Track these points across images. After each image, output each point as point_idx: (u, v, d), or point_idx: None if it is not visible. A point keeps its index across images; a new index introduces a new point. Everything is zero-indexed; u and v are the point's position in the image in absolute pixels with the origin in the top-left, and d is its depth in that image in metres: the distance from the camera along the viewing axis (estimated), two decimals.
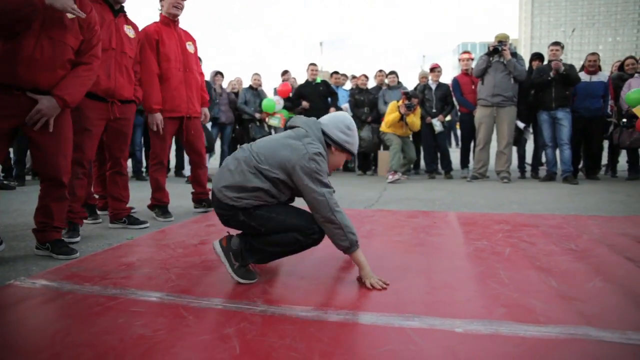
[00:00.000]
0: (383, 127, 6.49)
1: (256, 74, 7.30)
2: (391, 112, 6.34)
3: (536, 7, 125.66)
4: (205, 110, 4.04)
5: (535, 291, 1.86)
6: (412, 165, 6.98)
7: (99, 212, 3.72)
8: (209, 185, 4.08)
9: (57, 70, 2.44)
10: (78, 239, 3.00)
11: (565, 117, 5.92)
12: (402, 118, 6.25)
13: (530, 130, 6.59)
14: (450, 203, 4.31)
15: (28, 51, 2.31)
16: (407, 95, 6.23)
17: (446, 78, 8.67)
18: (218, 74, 7.27)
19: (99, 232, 3.25)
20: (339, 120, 2.08)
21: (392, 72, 7.25)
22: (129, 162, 7.07)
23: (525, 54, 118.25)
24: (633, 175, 6.25)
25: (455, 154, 7.27)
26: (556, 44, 6.19)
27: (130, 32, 3.25)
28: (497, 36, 6.24)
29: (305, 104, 6.94)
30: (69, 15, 2.42)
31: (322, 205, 1.88)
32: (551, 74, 5.89)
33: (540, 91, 6.09)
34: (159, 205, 3.72)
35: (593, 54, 6.39)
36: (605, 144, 6.72)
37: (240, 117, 7.27)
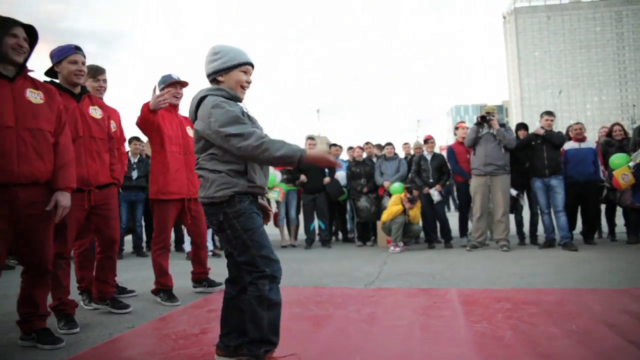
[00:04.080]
0: (385, 217, 6.60)
1: None
2: (394, 204, 6.49)
3: (522, 70, 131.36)
4: None
5: None
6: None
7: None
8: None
9: (45, 158, 2.52)
10: (77, 329, 2.95)
11: (558, 184, 6.06)
12: (404, 211, 6.44)
13: (524, 197, 6.73)
14: (450, 277, 4.31)
15: (12, 146, 2.38)
16: (409, 189, 6.48)
17: (441, 140, 8.94)
18: None
19: (99, 320, 3.22)
20: (206, 56, 2.16)
21: (389, 144, 7.47)
22: (129, 238, 7.13)
23: (517, 114, 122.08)
24: (633, 239, 6.27)
25: (453, 219, 7.39)
26: (549, 113, 6.45)
27: (96, 112, 3.21)
28: (485, 108, 6.57)
29: (302, 177, 7.09)
30: (34, 100, 2.52)
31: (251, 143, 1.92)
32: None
33: (532, 158, 6.26)
34: (164, 289, 3.72)
35: (577, 123, 6.74)
36: (602, 207, 6.84)
37: None
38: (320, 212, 7.24)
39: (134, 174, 6.66)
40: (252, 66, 2.17)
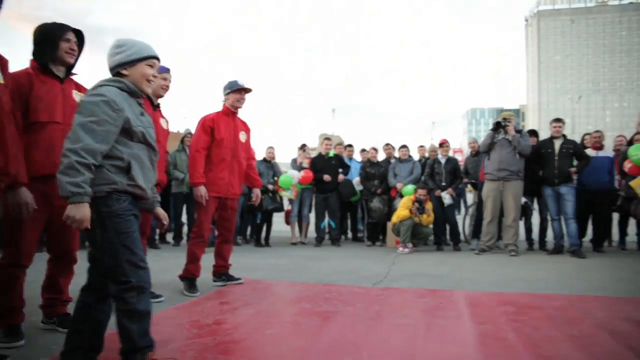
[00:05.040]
0: (394, 219, 6.67)
1: (270, 147, 7.65)
2: (404, 208, 6.53)
3: (542, 74, 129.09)
4: (257, 191, 4.47)
5: None
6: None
7: None
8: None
9: None
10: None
11: (569, 192, 6.07)
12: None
13: (532, 205, 6.76)
14: (458, 280, 4.39)
15: (59, 141, 2.45)
16: (418, 200, 6.51)
17: (456, 143, 8.96)
18: None
19: None
20: (109, 50, 2.06)
21: (404, 146, 7.52)
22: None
23: (534, 119, 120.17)
24: None
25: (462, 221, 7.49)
26: (558, 120, 6.47)
27: (164, 124, 3.61)
28: (502, 114, 6.60)
29: (326, 177, 7.19)
30: (78, 100, 2.62)
31: None
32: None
33: (542, 166, 6.28)
34: (189, 277, 3.88)
35: (597, 131, 6.76)
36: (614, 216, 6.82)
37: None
38: (331, 211, 7.35)
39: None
40: (158, 60, 2.10)
